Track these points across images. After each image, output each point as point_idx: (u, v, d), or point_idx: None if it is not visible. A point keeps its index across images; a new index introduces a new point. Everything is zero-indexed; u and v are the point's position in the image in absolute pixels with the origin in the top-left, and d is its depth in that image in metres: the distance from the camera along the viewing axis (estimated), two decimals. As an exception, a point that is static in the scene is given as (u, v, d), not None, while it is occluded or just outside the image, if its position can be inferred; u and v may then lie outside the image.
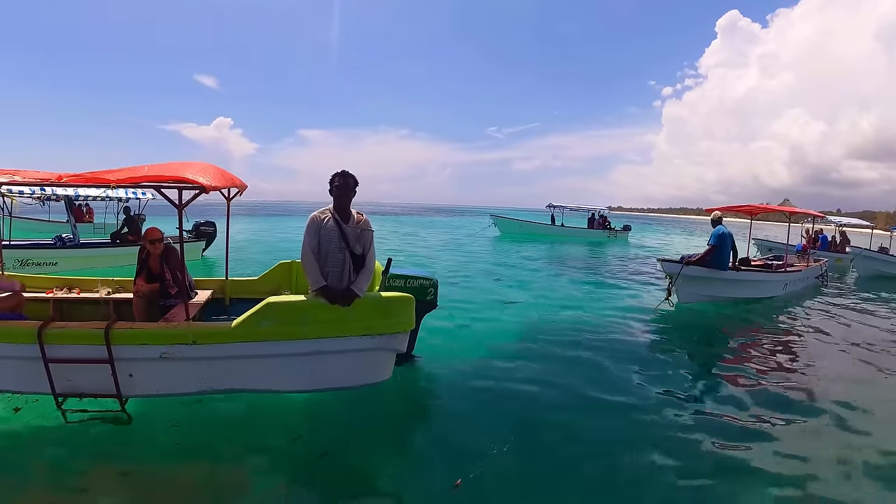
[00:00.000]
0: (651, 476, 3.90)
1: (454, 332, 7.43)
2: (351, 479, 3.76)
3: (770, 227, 41.62)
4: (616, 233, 32.31)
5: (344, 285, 4.24)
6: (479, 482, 3.66)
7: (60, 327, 3.93)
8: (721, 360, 7.02)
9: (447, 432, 4.48)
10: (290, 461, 3.96)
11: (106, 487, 3.57)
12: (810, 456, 4.28)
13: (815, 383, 6.10)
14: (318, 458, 3.98)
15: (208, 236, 15.01)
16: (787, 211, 12.80)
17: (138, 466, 3.81)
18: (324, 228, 4.28)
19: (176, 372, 4.08)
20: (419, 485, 3.71)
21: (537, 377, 5.78)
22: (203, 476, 3.75)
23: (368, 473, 3.87)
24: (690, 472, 3.96)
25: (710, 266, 10.01)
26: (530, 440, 4.36)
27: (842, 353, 7.59)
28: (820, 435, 4.74)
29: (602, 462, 4.07)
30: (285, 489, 3.63)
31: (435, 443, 4.35)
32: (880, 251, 18.46)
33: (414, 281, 5.46)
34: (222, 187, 4.42)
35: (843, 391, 5.87)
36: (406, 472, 3.91)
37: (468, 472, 3.75)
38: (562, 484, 3.74)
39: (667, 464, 4.05)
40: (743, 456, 4.24)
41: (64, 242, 11.93)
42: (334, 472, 3.83)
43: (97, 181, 3.99)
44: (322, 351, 4.21)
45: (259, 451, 4.06)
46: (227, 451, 4.07)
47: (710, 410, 5.15)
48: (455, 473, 3.72)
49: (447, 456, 4.03)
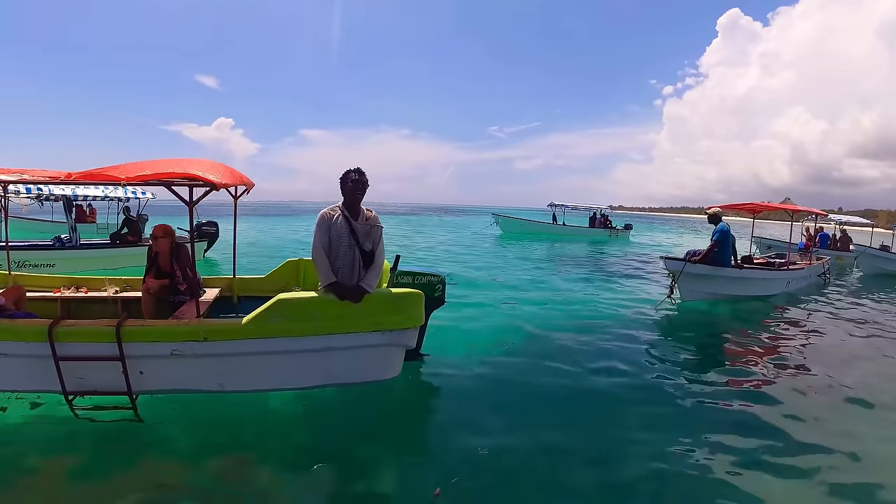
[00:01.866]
0: (654, 475, 3.90)
1: (459, 330, 7.44)
2: (356, 480, 3.76)
3: (771, 225, 41.59)
4: (617, 231, 32.38)
5: (354, 281, 4.26)
6: (472, 484, 3.68)
7: (71, 325, 3.93)
8: (724, 357, 7.04)
9: (453, 432, 4.48)
10: (296, 461, 3.97)
11: (114, 485, 3.58)
12: (814, 451, 4.31)
13: (819, 379, 6.13)
14: (324, 459, 3.98)
15: (210, 237, 14.63)
16: (789, 209, 12.81)
17: (147, 464, 3.82)
18: (334, 226, 4.31)
19: (187, 369, 4.09)
20: (418, 487, 3.71)
21: (540, 375, 5.82)
22: (210, 474, 3.75)
23: (372, 474, 3.86)
24: (697, 471, 3.98)
25: (714, 263, 10.01)
26: (531, 437, 4.38)
27: (845, 349, 7.61)
28: (825, 431, 4.74)
29: (605, 461, 4.07)
30: (289, 488, 3.66)
31: (441, 443, 4.37)
32: (882, 249, 18.51)
33: (422, 278, 5.46)
34: (232, 184, 4.43)
35: (848, 386, 5.90)
36: (409, 474, 3.91)
37: (466, 473, 3.77)
38: (561, 484, 3.76)
39: (670, 463, 4.07)
40: (745, 452, 4.24)
41: (63, 243, 11.73)
42: (338, 473, 3.84)
43: (107, 178, 3.99)
44: (332, 347, 4.23)
45: (264, 449, 4.09)
46: (234, 448, 4.10)
47: (714, 406, 5.18)
48: (456, 474, 3.74)
49: (453, 457, 4.03)
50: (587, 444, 4.34)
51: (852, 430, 4.79)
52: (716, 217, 10.17)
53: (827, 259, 15.09)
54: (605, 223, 32.89)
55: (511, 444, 4.25)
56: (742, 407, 5.17)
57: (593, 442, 4.39)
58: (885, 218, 75.11)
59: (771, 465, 4.03)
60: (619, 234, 32.34)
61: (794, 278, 12.30)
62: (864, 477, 3.97)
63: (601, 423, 4.75)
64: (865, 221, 22.54)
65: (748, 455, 4.19)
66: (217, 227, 14.89)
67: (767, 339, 8.00)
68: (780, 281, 11.75)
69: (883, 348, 7.78)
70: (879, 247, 18.79)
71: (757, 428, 4.72)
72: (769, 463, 4.06)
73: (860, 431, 4.76)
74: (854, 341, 8.21)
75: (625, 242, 30.06)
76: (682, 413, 5.02)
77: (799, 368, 6.56)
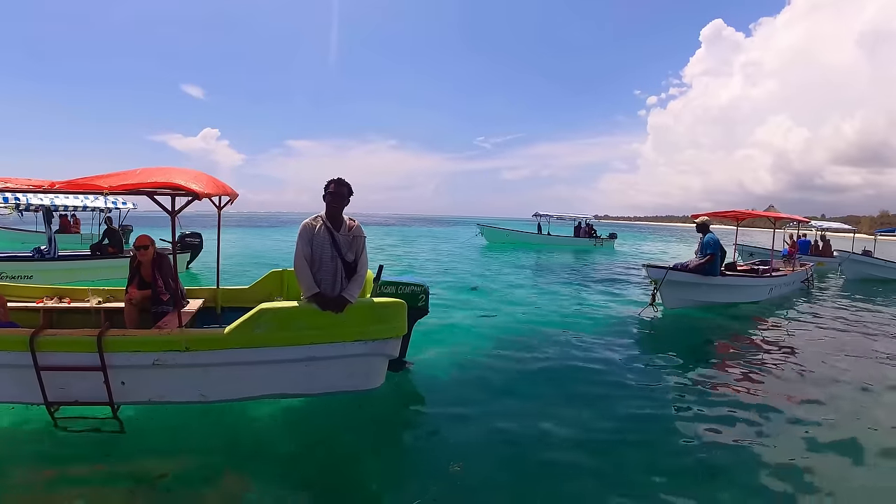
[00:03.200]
0: (638, 480, 3.90)
1: (443, 339, 7.44)
2: (339, 487, 3.76)
3: (754, 233, 42.05)
4: (602, 241, 32.58)
5: (336, 292, 4.25)
6: (454, 491, 3.68)
7: (52, 334, 3.89)
8: (706, 364, 7.07)
9: (436, 442, 4.48)
10: (278, 469, 3.94)
11: (94, 495, 3.54)
12: (796, 457, 4.33)
13: (802, 385, 6.21)
14: (307, 467, 3.98)
15: (194, 248, 14.23)
16: (772, 216, 12.96)
17: (130, 473, 3.78)
18: (316, 236, 4.30)
19: (169, 379, 4.06)
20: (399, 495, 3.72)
21: (520, 384, 5.83)
22: (194, 483, 3.72)
23: (355, 482, 3.86)
24: (678, 476, 3.98)
25: (706, 273, 10.09)
26: (512, 447, 4.37)
27: (827, 354, 7.69)
28: (807, 436, 4.78)
29: (586, 467, 4.07)
30: (272, 496, 3.62)
31: (422, 453, 4.36)
32: (864, 254, 18.83)
33: (405, 288, 5.46)
34: (215, 195, 4.43)
35: (830, 390, 5.98)
36: (391, 483, 3.90)
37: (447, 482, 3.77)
38: (541, 491, 3.75)
39: (653, 466, 4.09)
40: (728, 458, 4.27)
41: (43, 255, 11.42)
42: (321, 481, 3.83)
43: (90, 188, 3.98)
44: (315, 357, 4.22)
45: (246, 457, 4.07)
46: (217, 457, 4.06)
47: (696, 413, 5.19)
48: (437, 483, 3.74)
49: (433, 467, 4.02)
50: (569, 445, 4.36)
51: (834, 428, 4.85)
52: (704, 226, 10.24)
53: (810, 265, 15.31)
54: (590, 233, 33.07)
55: (494, 452, 4.26)
56: (723, 413, 5.20)
57: (575, 443, 4.41)
58: (867, 224, 76.24)
59: (750, 473, 4.04)
60: (603, 243, 32.55)
61: (778, 285, 12.44)
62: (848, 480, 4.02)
63: (585, 426, 4.76)
64: (846, 227, 22.93)
65: (729, 461, 4.21)
66: (201, 238, 14.46)
67: (748, 345, 8.09)
68: (763, 288, 11.86)
69: (865, 351, 7.88)
70: (862, 252, 19.11)
71: (738, 434, 4.75)
72: (749, 472, 4.07)
73: (841, 432, 4.81)
74: (837, 344, 8.31)
75: (609, 251, 30.27)
76: (668, 418, 5.04)
77: (779, 373, 6.61)
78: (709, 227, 10.28)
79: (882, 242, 22.06)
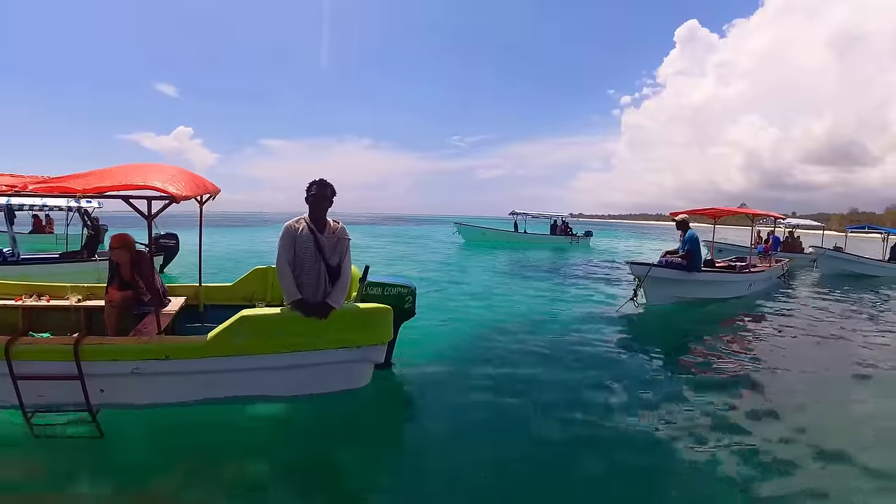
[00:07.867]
0: (622, 479, 3.87)
1: (425, 339, 7.36)
2: (325, 485, 3.73)
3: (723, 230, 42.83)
4: (578, 238, 32.75)
5: (319, 296, 4.15)
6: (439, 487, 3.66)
7: (28, 343, 3.75)
8: (688, 360, 7.07)
9: (422, 440, 4.46)
10: (263, 470, 3.86)
11: (75, 502, 3.43)
12: (776, 450, 4.32)
13: (783, 378, 6.28)
14: (291, 467, 3.90)
15: (169, 250, 13.00)
16: (750, 213, 13.12)
17: (109, 478, 3.65)
18: (299, 238, 4.18)
19: (149, 386, 3.92)
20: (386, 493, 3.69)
21: (503, 381, 5.77)
22: (175, 486, 3.61)
23: (339, 480, 3.84)
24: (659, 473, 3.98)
25: (689, 269, 10.18)
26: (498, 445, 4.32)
27: (806, 346, 7.87)
28: (788, 429, 4.78)
29: (569, 466, 4.03)
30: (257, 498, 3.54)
31: (404, 449, 4.38)
32: (835, 250, 19.27)
33: (392, 289, 5.28)
34: (194, 195, 4.27)
35: (810, 385, 6.09)
36: (377, 481, 3.87)
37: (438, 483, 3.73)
38: (527, 489, 3.70)
39: (635, 465, 4.05)
40: (709, 453, 4.24)
41: (5, 258, 10.18)
42: (306, 480, 3.76)
43: (63, 190, 3.81)
44: (298, 364, 4.12)
45: (230, 459, 3.97)
46: (199, 459, 3.96)
47: (679, 409, 5.16)
48: (426, 483, 3.71)
49: (415, 463, 4.02)
50: (550, 448, 4.31)
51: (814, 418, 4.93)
52: (684, 223, 10.33)
53: (786, 261, 15.60)
54: (566, 231, 33.22)
55: (481, 444, 4.26)
56: (706, 408, 5.18)
57: (556, 444, 4.37)
58: (837, 221, 78.21)
59: (732, 469, 4.00)
60: (579, 241, 32.70)
61: (756, 280, 12.61)
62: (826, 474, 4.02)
63: (563, 425, 4.71)
64: (816, 224, 23.48)
65: (710, 457, 4.17)
66: (177, 239, 13.33)
67: (730, 338, 8.17)
68: (743, 283, 12.02)
69: (845, 343, 8.06)
70: (833, 248, 19.59)
71: (720, 429, 4.71)
72: (730, 467, 4.03)
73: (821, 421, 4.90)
74: (819, 336, 8.51)
75: (585, 249, 30.54)
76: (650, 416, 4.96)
77: (760, 367, 6.66)
78: (689, 224, 10.36)
79: (852, 239, 22.64)
